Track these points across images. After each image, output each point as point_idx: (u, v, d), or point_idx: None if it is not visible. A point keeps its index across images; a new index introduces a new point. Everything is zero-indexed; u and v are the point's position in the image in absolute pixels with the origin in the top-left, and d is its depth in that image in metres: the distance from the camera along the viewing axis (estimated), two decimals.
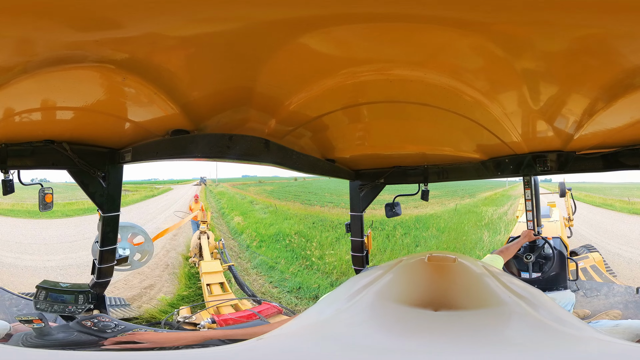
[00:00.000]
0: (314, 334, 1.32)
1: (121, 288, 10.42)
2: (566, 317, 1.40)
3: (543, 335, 1.20)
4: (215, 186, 64.13)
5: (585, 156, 3.76)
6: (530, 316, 1.29)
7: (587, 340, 1.24)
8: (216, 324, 4.95)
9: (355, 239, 5.55)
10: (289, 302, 11.49)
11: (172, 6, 1.47)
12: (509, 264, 5.06)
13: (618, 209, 27.98)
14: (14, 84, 2.05)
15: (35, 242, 15.43)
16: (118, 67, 1.99)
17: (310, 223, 21.59)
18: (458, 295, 1.40)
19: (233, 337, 2.85)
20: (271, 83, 2.30)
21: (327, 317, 1.44)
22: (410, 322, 1.27)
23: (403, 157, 4.64)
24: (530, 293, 1.48)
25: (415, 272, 1.56)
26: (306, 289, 12.45)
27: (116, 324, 3.22)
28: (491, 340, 1.17)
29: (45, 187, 3.87)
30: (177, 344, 2.88)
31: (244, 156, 2.85)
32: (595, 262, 8.50)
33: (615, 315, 4.84)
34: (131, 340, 2.93)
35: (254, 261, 15.57)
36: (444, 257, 1.55)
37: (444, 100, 2.56)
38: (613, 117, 2.69)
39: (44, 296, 3.73)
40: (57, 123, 2.92)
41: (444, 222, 21.98)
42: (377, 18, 1.63)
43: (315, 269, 14.50)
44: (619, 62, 1.91)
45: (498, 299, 1.36)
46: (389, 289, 1.48)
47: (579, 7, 1.44)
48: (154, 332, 3.29)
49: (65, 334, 3.08)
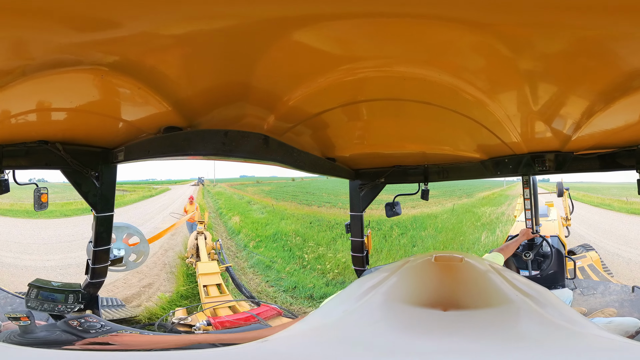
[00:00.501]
0: (323, 336, 1.34)
1: (120, 287, 10.58)
2: (571, 314, 1.42)
3: (552, 332, 1.22)
4: (213, 186, 64.57)
5: (582, 156, 3.85)
6: (538, 314, 1.30)
7: (592, 337, 1.26)
8: (212, 326, 4.89)
9: (355, 239, 5.54)
10: (284, 302, 11.68)
11: (166, 4, 1.47)
12: (507, 262, 5.08)
13: (616, 208, 28.03)
14: (11, 87, 2.07)
15: (34, 242, 15.46)
16: (110, 68, 2.01)
17: (307, 223, 21.75)
18: (466, 294, 1.41)
19: (227, 341, 2.76)
20: (268, 78, 2.27)
21: (336, 319, 1.44)
22: (420, 323, 1.29)
23: (403, 156, 4.66)
24: (536, 291, 1.49)
25: (422, 272, 1.57)
26: (301, 288, 12.51)
27: (102, 324, 3.15)
28: (502, 338, 1.19)
29: (41, 187, 3.87)
30: (154, 347, 2.79)
31: (241, 153, 2.80)
32: (592, 261, 8.66)
33: (610, 313, 4.88)
34: (104, 341, 2.84)
35: (251, 260, 15.81)
36: (450, 256, 1.56)
37: (445, 99, 2.57)
38: (610, 119, 2.74)
39: (35, 294, 3.70)
40: (51, 124, 2.94)
41: (441, 222, 22.10)
42: (378, 14, 1.62)
43: (310, 268, 14.57)
44: (618, 64, 1.94)
45: (506, 297, 1.37)
46: (397, 290, 1.48)
47: (581, 8, 1.46)
48: (137, 334, 3.22)
49: (47, 333, 3.03)
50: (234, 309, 6.50)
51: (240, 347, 1.29)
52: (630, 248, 15.02)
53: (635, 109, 2.55)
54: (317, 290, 12.20)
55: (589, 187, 45.22)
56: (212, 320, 4.94)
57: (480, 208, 27.18)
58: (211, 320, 4.96)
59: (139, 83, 2.20)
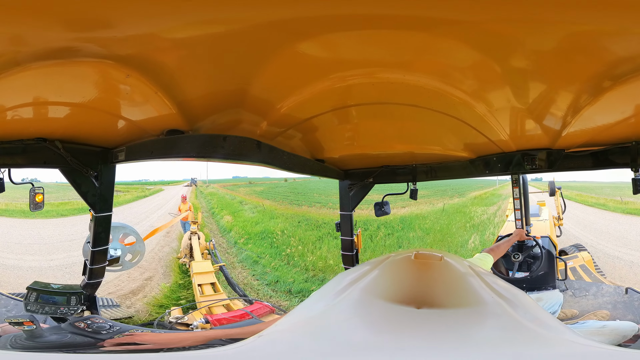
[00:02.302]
0: (306, 331, 1.38)
1: (125, 280, 11.15)
2: (545, 318, 1.46)
3: (515, 336, 1.26)
4: (206, 187, 64.62)
5: (574, 154, 3.73)
6: (507, 316, 1.34)
7: (557, 342, 1.28)
8: (210, 324, 4.94)
9: (345, 238, 5.55)
10: (265, 294, 12.56)
11: (173, 7, 1.49)
12: (497, 263, 5.07)
13: (612, 208, 27.47)
14: (5, 77, 1.99)
15: (35, 242, 15.41)
16: (119, 63, 1.98)
17: (295, 222, 22.69)
18: (441, 293, 1.44)
19: (234, 336, 2.81)
20: (264, 86, 2.33)
21: (317, 314, 1.48)
22: (393, 320, 1.33)
23: (392, 156, 4.66)
24: (512, 294, 1.52)
25: (401, 269, 1.60)
26: (282, 283, 13.35)
27: (110, 325, 3.15)
28: (464, 339, 1.23)
29: (36, 187, 3.80)
30: (181, 345, 2.83)
31: (237, 156, 2.87)
32: (584, 261, 8.53)
33: (603, 315, 4.84)
34: (131, 341, 2.85)
35: (240, 256, 16.86)
36: (430, 254, 1.59)
37: (431, 100, 2.59)
38: (600, 113, 2.70)
39: (35, 298, 3.68)
40: (51, 121, 2.86)
41: (430, 222, 22.16)
42: (367, 24, 1.67)
43: (292, 264, 15.49)
44: (603, 56, 1.93)
45: (480, 298, 1.41)
46: (374, 286, 1.52)
47: (566, 2, 1.48)
48: (152, 332, 3.25)
49: (58, 336, 3.01)
50: (228, 307, 6.56)
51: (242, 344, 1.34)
52: (632, 250, 14.64)
53: (624, 102, 2.52)
54: (296, 285, 13.11)
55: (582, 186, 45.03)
56: (210, 318, 4.99)
57: (471, 208, 27.14)
58: (209, 318, 5.02)
59: (151, 83, 2.20)
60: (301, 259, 15.79)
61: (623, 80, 2.15)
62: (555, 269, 5.70)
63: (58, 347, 2.93)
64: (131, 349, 2.78)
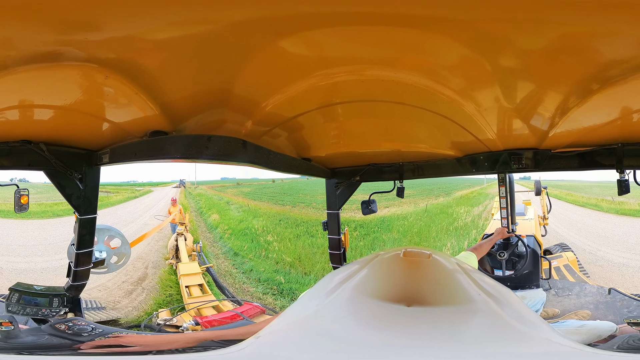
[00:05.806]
0: (302, 330, 1.40)
1: (131, 271, 12.03)
2: (529, 316, 1.48)
3: (499, 334, 1.29)
4: (194, 188, 65.03)
5: (560, 154, 3.77)
6: (494, 314, 1.36)
7: (538, 340, 1.32)
8: (200, 325, 4.91)
9: (332, 237, 5.56)
10: (240, 280, 14.21)
11: (152, 8, 1.49)
12: (482, 262, 5.08)
13: (605, 209, 27.24)
14: None
15: (39, 244, 15.34)
16: (101, 65, 1.97)
17: (277, 220, 24.46)
18: (430, 291, 1.45)
19: (225, 337, 2.76)
20: (247, 85, 2.33)
21: (311, 313, 1.50)
22: (384, 317, 1.34)
23: (378, 154, 4.67)
24: (499, 292, 1.53)
25: (390, 267, 1.60)
26: (255, 272, 15.04)
27: (93, 327, 3.08)
28: (452, 337, 1.26)
29: (21, 189, 3.78)
30: (170, 347, 2.78)
31: (222, 156, 2.85)
32: (568, 261, 8.65)
33: (584, 315, 4.88)
34: (116, 343, 2.77)
35: (224, 249, 18.77)
36: (419, 252, 1.60)
37: (418, 98, 2.59)
38: (587, 115, 2.72)
39: (17, 298, 3.64)
40: (35, 123, 2.87)
41: (409, 223, 22.34)
42: (351, 20, 1.66)
43: (265, 257, 17.35)
44: (593, 58, 1.94)
45: (467, 296, 1.42)
46: (365, 284, 1.52)
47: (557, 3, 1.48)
48: (138, 334, 3.21)
49: (34, 338, 2.95)
50: (217, 309, 6.52)
51: (240, 346, 1.36)
52: (637, 255, 14.02)
53: (611, 104, 2.55)
54: (266, 274, 14.70)
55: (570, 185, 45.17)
56: (200, 320, 4.96)
57: (455, 208, 27.19)
58: (199, 319, 4.98)
59: (132, 84, 2.20)
60: (274, 253, 17.54)
61: (611, 83, 2.17)
62: (540, 268, 5.75)
63: (32, 348, 2.86)
64: (116, 351, 2.72)
